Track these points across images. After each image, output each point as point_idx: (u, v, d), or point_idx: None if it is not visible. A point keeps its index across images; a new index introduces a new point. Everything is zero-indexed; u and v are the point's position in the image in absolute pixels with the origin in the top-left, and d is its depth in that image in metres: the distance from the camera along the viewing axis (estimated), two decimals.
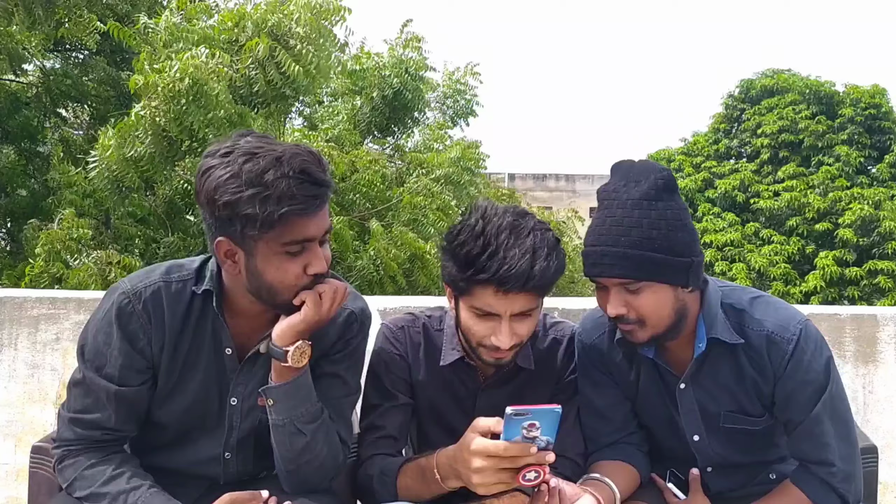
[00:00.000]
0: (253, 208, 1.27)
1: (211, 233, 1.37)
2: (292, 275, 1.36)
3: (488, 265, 1.41)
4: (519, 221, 1.46)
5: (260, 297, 1.40)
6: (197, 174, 1.36)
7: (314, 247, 1.37)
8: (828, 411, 1.51)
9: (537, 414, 1.27)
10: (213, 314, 1.48)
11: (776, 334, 1.51)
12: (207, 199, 1.32)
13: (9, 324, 2.86)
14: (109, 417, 1.46)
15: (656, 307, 1.46)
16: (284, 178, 1.28)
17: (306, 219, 1.32)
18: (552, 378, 1.70)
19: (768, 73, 21.06)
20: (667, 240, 1.43)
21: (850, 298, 16.76)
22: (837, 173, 18.49)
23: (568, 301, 2.82)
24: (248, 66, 6.82)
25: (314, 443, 1.46)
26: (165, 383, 1.49)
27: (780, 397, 1.53)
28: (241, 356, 1.50)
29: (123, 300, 1.45)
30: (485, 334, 1.50)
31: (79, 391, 1.48)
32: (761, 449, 1.64)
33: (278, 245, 1.33)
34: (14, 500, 2.78)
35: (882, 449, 1.85)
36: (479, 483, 1.33)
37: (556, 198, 27.45)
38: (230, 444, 1.54)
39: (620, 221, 1.44)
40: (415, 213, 8.12)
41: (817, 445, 1.52)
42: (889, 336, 2.66)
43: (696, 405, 1.60)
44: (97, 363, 1.45)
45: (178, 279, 1.48)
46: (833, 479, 1.52)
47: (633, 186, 1.45)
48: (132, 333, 1.44)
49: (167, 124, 6.38)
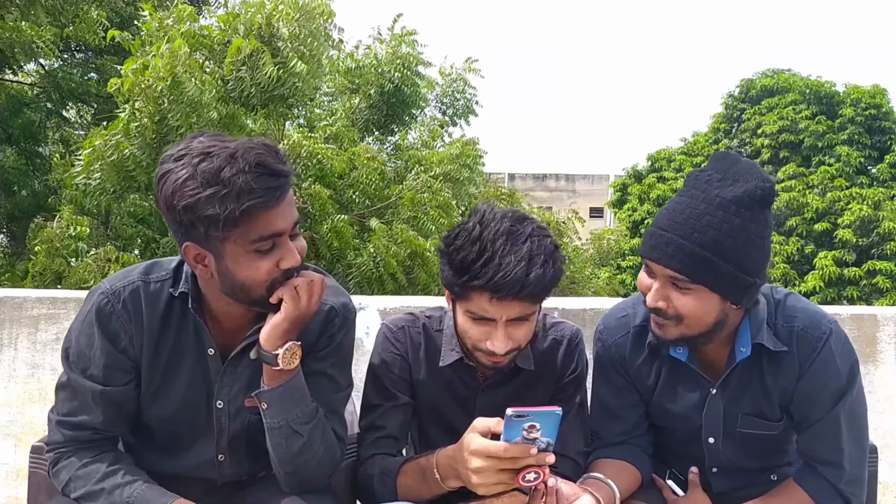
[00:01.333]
0: (213, 208, 1.25)
1: (178, 237, 1.35)
2: (264, 271, 1.33)
3: (483, 272, 1.40)
4: (516, 227, 1.45)
5: (235, 296, 1.38)
6: (155, 180, 1.33)
7: (284, 241, 1.34)
8: (846, 414, 1.49)
9: (538, 416, 1.27)
10: (192, 316, 1.46)
11: (807, 331, 1.49)
12: (167, 205, 1.29)
13: (9, 324, 2.86)
14: (97, 418, 1.46)
15: (698, 312, 1.41)
16: (241, 173, 1.25)
17: (270, 211, 1.30)
18: (552, 378, 1.70)
19: (768, 73, 21.08)
20: (739, 253, 1.36)
21: (849, 299, 16.76)
22: (836, 173, 18.50)
23: (568, 301, 2.81)
24: (235, 66, 6.80)
25: (311, 443, 1.45)
26: (149, 384, 1.48)
27: (802, 393, 1.51)
28: (225, 357, 1.49)
29: (103, 300, 1.44)
30: (480, 338, 1.50)
31: (65, 394, 1.48)
32: (771, 455, 1.63)
33: (247, 243, 1.30)
34: (14, 500, 2.78)
35: (882, 449, 1.85)
36: (478, 483, 1.34)
37: (556, 198, 27.47)
38: (222, 446, 1.53)
39: (700, 216, 1.36)
40: (415, 210, 8.11)
41: (830, 446, 1.51)
42: (889, 336, 2.66)
43: (722, 410, 1.57)
44: (81, 365, 1.45)
45: (156, 279, 1.47)
46: (840, 481, 1.51)
47: (729, 185, 1.37)
48: (113, 333, 1.44)
49: (149, 125, 6.34)
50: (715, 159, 1.44)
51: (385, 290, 7.31)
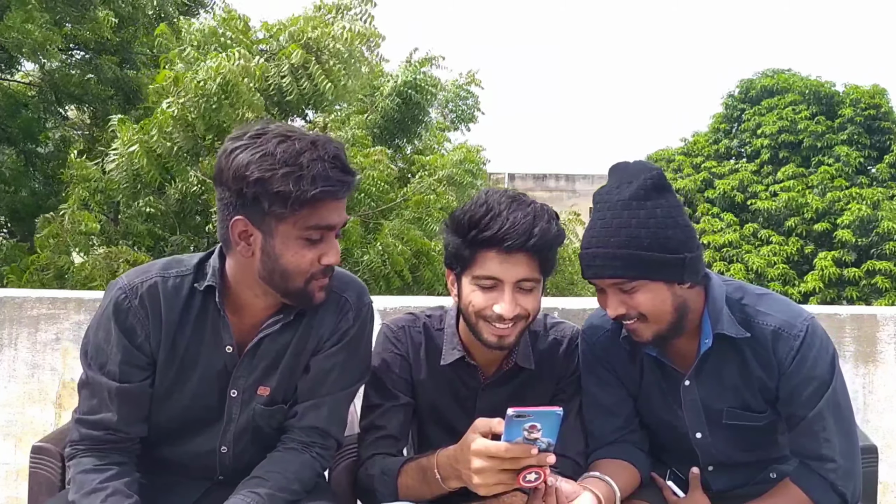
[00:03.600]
0: (286, 186, 1.30)
1: (228, 212, 1.37)
2: (307, 261, 1.38)
3: (491, 224, 1.47)
4: (519, 195, 1.54)
5: (272, 282, 1.41)
6: (220, 155, 1.37)
7: (332, 237, 1.41)
8: (830, 408, 1.51)
9: (538, 416, 1.27)
10: (213, 311, 1.48)
11: (783, 329, 1.52)
12: (235, 176, 1.33)
13: (9, 324, 2.86)
14: (112, 417, 1.46)
15: (654, 304, 1.47)
16: (320, 160, 1.32)
17: (334, 203, 1.37)
18: (553, 378, 1.70)
19: (768, 73, 21.06)
20: (656, 238, 1.44)
21: (848, 299, 16.75)
22: (836, 173, 18.49)
23: (568, 301, 2.82)
24: (281, 71, 7.09)
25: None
26: (163, 380, 1.50)
27: (784, 392, 1.54)
28: (241, 350, 1.51)
29: (120, 295, 1.46)
30: (486, 304, 1.51)
31: (86, 392, 1.49)
32: (763, 447, 1.64)
33: (302, 228, 1.36)
34: (14, 500, 2.78)
35: (882, 449, 1.85)
36: (479, 483, 1.34)
37: (556, 198, 27.46)
38: (227, 437, 1.54)
39: (610, 223, 1.46)
40: (419, 212, 8.24)
41: (818, 441, 1.53)
42: (889, 336, 2.66)
43: (700, 402, 1.60)
44: (99, 361, 1.46)
45: (177, 274, 1.48)
46: (833, 476, 1.52)
47: (626, 188, 1.47)
48: (130, 329, 1.45)
49: (195, 120, 6.63)
50: (609, 175, 1.54)
51: (391, 288, 7.47)
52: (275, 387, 1.53)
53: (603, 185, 1.54)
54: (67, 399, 2.82)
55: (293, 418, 1.55)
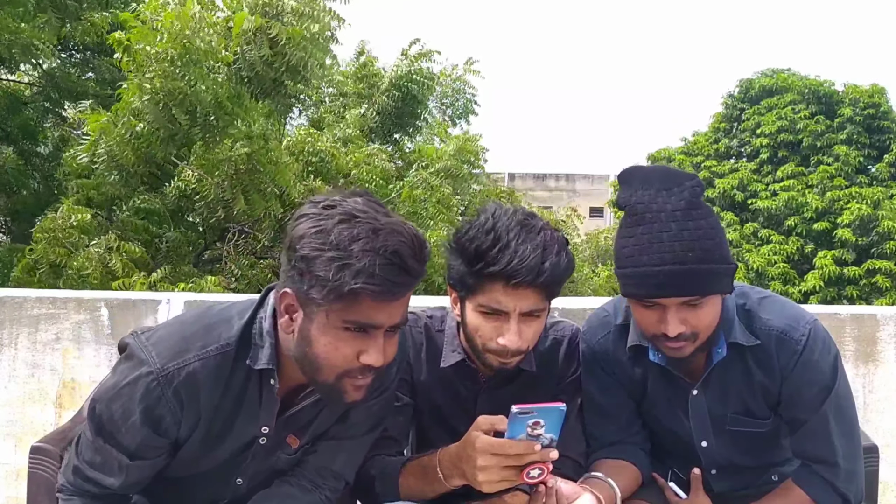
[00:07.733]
0: (327, 272, 1.17)
1: (282, 280, 1.27)
2: (341, 355, 1.24)
3: (499, 258, 1.40)
4: (529, 220, 1.46)
5: (303, 367, 1.28)
6: (293, 216, 1.27)
7: (377, 335, 1.24)
8: (833, 410, 1.50)
9: (542, 412, 1.27)
10: (259, 389, 1.36)
11: (786, 334, 1.50)
12: (290, 246, 1.23)
13: (9, 324, 2.85)
14: (115, 482, 1.35)
15: (712, 318, 1.42)
16: (373, 253, 1.17)
17: (378, 303, 1.20)
18: (553, 379, 1.70)
19: (768, 73, 21.08)
20: (720, 248, 1.38)
21: (848, 298, 16.76)
22: (836, 173, 18.50)
23: (568, 301, 2.81)
24: (240, 45, 6.83)
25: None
26: (189, 450, 1.39)
27: (787, 396, 1.52)
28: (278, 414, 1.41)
29: (152, 383, 1.29)
30: (491, 336, 1.48)
31: (91, 447, 1.36)
32: (766, 451, 1.64)
33: (339, 320, 1.21)
34: (14, 500, 2.78)
35: (882, 449, 1.84)
36: (483, 481, 1.33)
37: (556, 197, 27.47)
38: (247, 473, 1.47)
39: (678, 236, 1.35)
40: (414, 206, 8.18)
41: (821, 444, 1.52)
42: (889, 336, 2.66)
43: (707, 411, 1.58)
44: (112, 434, 1.32)
45: (217, 352, 1.32)
46: (835, 478, 1.52)
47: (675, 195, 1.38)
48: (157, 418, 1.31)
49: (160, 94, 6.28)
50: (636, 180, 1.43)
51: None
52: (305, 439, 1.47)
53: (629, 193, 1.44)
54: (67, 399, 2.81)
55: (311, 454, 1.49)
